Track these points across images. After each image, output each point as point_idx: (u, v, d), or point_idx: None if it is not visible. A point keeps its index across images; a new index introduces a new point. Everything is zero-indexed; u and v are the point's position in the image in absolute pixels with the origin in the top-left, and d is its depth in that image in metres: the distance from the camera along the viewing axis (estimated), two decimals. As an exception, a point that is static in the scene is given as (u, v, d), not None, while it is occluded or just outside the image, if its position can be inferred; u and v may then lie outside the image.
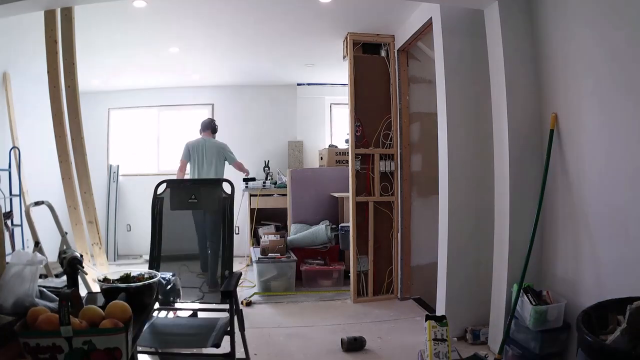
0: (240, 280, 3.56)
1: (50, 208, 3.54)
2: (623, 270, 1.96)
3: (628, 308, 1.52)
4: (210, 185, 2.63)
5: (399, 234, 3.82)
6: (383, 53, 3.92)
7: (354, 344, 2.68)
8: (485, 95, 2.73)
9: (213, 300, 2.30)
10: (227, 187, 2.70)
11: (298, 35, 4.01)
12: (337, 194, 4.71)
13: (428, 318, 2.39)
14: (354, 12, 3.51)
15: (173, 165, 6.19)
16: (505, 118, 2.50)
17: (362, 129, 3.82)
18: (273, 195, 5.35)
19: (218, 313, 2.21)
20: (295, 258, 4.14)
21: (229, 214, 2.65)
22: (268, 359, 2.60)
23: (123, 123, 6.17)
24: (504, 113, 2.51)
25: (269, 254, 4.14)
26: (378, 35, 3.87)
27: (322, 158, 5.55)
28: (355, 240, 3.78)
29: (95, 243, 3.81)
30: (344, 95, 4.31)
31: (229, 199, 2.67)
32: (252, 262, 4.48)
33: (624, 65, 1.95)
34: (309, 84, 5.99)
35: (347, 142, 4.57)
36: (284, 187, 5.25)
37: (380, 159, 3.83)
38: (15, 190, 4.30)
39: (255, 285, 4.07)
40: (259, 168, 5.83)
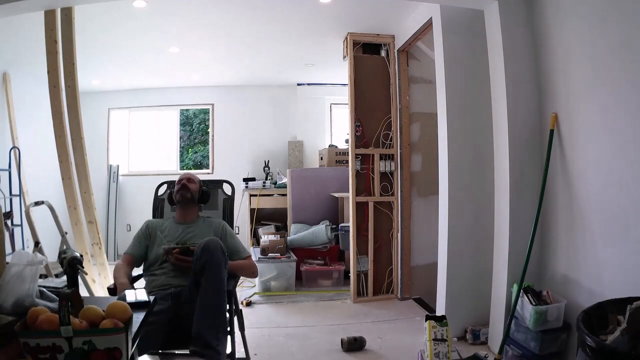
0: (240, 280, 3.57)
1: (50, 208, 3.54)
2: (623, 270, 1.96)
3: (628, 308, 1.52)
4: (211, 186, 2.64)
5: (399, 234, 3.82)
6: (383, 53, 3.92)
7: (354, 344, 2.68)
8: (485, 95, 2.73)
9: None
10: (227, 188, 2.71)
11: (298, 35, 4.01)
12: (337, 194, 4.71)
13: (428, 318, 2.39)
14: (354, 12, 3.51)
15: (173, 165, 6.23)
16: (505, 118, 2.50)
17: (362, 129, 3.82)
18: (273, 195, 5.36)
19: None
20: (295, 258, 4.14)
21: (229, 214, 2.66)
22: (268, 359, 2.60)
23: (123, 123, 6.18)
24: (504, 113, 2.51)
25: (269, 254, 4.15)
26: (378, 35, 3.87)
27: (322, 158, 5.55)
28: (355, 240, 3.78)
29: (95, 243, 3.81)
30: (344, 95, 4.31)
31: (229, 200, 2.68)
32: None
33: (624, 65, 1.95)
34: (309, 84, 5.99)
35: (347, 142, 4.57)
36: (284, 187, 5.25)
37: (380, 159, 3.83)
38: (15, 190, 4.30)
39: (255, 285, 4.07)
40: (259, 168, 5.83)
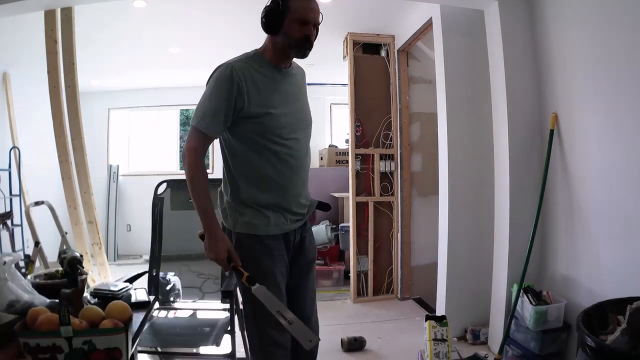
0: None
1: (50, 208, 3.54)
2: (623, 270, 1.96)
3: (628, 308, 1.52)
4: (211, 185, 2.63)
5: (399, 234, 3.81)
6: (383, 53, 3.92)
7: (354, 344, 2.68)
8: (485, 95, 2.73)
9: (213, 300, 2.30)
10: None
11: (298, 35, 4.00)
12: (337, 194, 4.70)
13: (428, 318, 2.39)
14: (354, 12, 3.51)
15: (173, 165, 6.22)
16: (505, 118, 2.50)
17: (362, 129, 3.82)
18: (273, 195, 5.34)
19: (218, 313, 2.21)
20: (295, 258, 4.13)
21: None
22: (268, 359, 2.60)
23: (123, 123, 6.18)
24: (504, 113, 2.51)
25: (269, 254, 4.14)
26: (378, 35, 3.87)
27: (322, 158, 5.55)
28: (355, 240, 3.78)
29: (95, 243, 3.81)
30: (344, 95, 4.30)
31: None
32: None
33: (624, 65, 1.95)
34: (309, 84, 5.88)
35: (347, 142, 4.57)
36: (284, 187, 5.23)
37: (380, 159, 3.82)
38: (15, 190, 4.29)
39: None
40: (259, 168, 5.82)
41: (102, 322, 1.20)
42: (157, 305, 2.20)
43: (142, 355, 2.37)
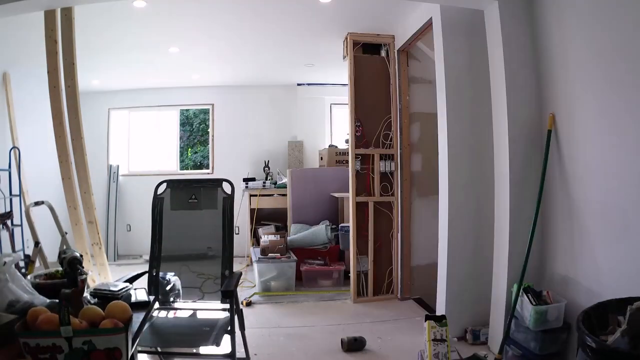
0: (240, 280, 3.57)
1: (50, 208, 3.54)
2: (623, 270, 1.96)
3: (628, 309, 1.51)
4: (210, 186, 2.63)
5: (399, 234, 3.81)
6: (383, 53, 3.92)
7: (354, 344, 2.68)
8: (485, 95, 2.73)
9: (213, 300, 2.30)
10: (227, 187, 2.71)
11: (298, 35, 4.01)
12: (337, 194, 4.71)
13: (428, 318, 2.38)
14: (354, 12, 3.51)
15: (173, 165, 6.23)
16: (505, 118, 2.50)
17: (362, 129, 3.82)
18: (273, 195, 5.36)
19: (218, 313, 2.21)
20: (295, 258, 4.14)
21: (229, 214, 2.65)
22: (268, 359, 2.60)
23: (123, 123, 6.18)
24: (504, 113, 2.51)
25: (269, 254, 4.14)
26: (378, 35, 3.87)
27: (322, 158, 5.55)
28: (355, 240, 3.78)
29: (95, 243, 3.82)
30: (344, 95, 4.31)
31: (229, 199, 2.68)
32: (252, 262, 4.48)
33: (624, 65, 1.95)
34: (309, 84, 5.99)
35: (347, 142, 4.57)
36: (284, 187, 5.25)
37: (380, 159, 3.82)
38: (15, 190, 4.29)
39: (255, 285, 4.07)
40: (259, 168, 5.83)
41: (102, 322, 1.20)
42: (157, 305, 2.20)
43: (142, 355, 2.37)
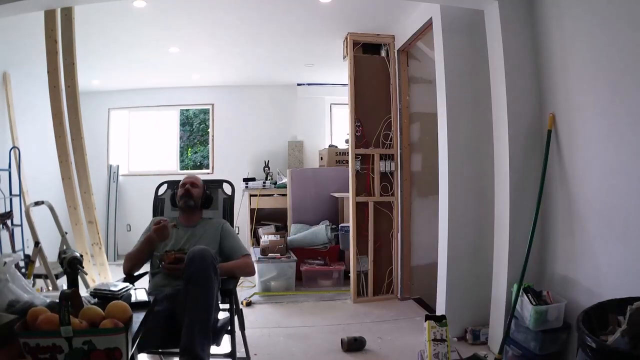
0: (240, 281, 3.57)
1: (50, 208, 3.54)
2: (623, 270, 1.96)
3: (628, 309, 1.51)
4: (211, 186, 2.64)
5: (399, 234, 3.81)
6: (383, 53, 3.92)
7: (354, 344, 2.68)
8: (486, 95, 2.73)
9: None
10: (227, 187, 2.71)
11: (298, 35, 4.01)
12: (337, 194, 4.71)
13: (427, 318, 2.38)
14: (354, 12, 3.51)
15: (173, 165, 6.23)
16: (505, 118, 2.50)
17: (362, 129, 3.82)
18: (273, 195, 5.36)
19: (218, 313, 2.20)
20: (295, 258, 4.14)
21: (229, 214, 2.66)
22: (268, 359, 2.60)
23: (123, 123, 6.18)
24: (504, 113, 2.51)
25: (269, 254, 4.14)
26: (378, 35, 3.87)
27: (322, 158, 5.55)
28: (355, 240, 3.78)
29: (95, 243, 3.82)
30: (344, 95, 4.31)
31: (229, 199, 2.68)
32: (252, 260, 4.47)
33: (623, 66, 1.95)
34: (309, 84, 5.99)
35: (347, 142, 4.57)
36: (284, 187, 5.25)
37: (380, 159, 3.82)
38: (15, 190, 4.29)
39: (255, 285, 4.07)
40: (259, 168, 5.83)
41: (102, 322, 1.20)
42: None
43: (142, 355, 2.37)
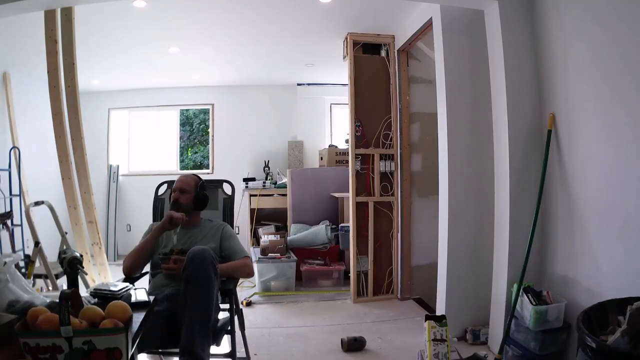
0: (240, 281, 3.57)
1: (50, 208, 3.54)
2: (623, 270, 1.96)
3: (628, 309, 1.51)
4: (211, 186, 2.64)
5: (399, 234, 3.81)
6: (383, 53, 3.92)
7: (354, 344, 2.68)
8: (485, 95, 2.73)
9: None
10: (227, 187, 2.71)
11: (298, 35, 4.01)
12: (337, 194, 4.71)
13: (427, 318, 2.38)
14: (354, 12, 3.51)
15: (173, 165, 6.23)
16: (506, 118, 2.50)
17: (362, 129, 3.82)
18: (273, 195, 5.36)
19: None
20: (295, 258, 4.14)
21: (229, 214, 2.66)
22: (268, 359, 2.60)
23: (123, 123, 6.18)
24: (504, 113, 2.51)
25: (269, 254, 4.14)
26: (378, 36, 3.87)
27: (322, 158, 5.55)
28: (355, 240, 3.78)
29: (95, 243, 3.82)
30: (344, 95, 4.31)
31: (229, 199, 2.68)
32: (252, 262, 4.47)
33: (624, 66, 1.95)
34: (309, 84, 5.99)
35: (347, 142, 4.57)
36: (284, 187, 5.25)
37: (380, 159, 3.82)
38: (15, 190, 4.29)
39: (255, 285, 4.07)
40: (259, 168, 5.83)
41: (102, 322, 1.20)
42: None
43: (142, 355, 2.37)
